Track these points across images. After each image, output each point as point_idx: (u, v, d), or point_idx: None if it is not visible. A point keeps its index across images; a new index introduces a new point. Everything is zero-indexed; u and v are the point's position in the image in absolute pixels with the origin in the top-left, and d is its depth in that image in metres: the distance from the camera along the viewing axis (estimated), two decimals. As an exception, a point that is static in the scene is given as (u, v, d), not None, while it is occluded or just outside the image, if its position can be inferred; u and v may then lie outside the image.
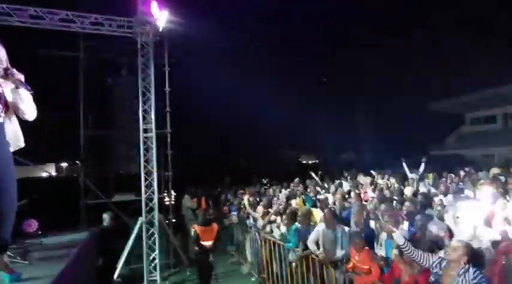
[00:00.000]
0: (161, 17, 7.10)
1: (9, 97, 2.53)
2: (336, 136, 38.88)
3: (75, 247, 4.42)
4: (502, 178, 7.37)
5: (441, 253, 3.18)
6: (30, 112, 2.63)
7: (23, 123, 2.78)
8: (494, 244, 3.49)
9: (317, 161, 40.76)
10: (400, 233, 3.38)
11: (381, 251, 4.10)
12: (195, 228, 6.17)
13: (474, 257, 2.73)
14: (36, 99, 2.77)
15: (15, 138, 2.62)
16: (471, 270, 2.63)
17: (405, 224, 4.16)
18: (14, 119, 2.61)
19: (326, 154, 39.87)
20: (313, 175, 9.69)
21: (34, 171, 11.11)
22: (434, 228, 3.37)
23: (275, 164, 29.94)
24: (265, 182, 12.50)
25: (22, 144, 2.68)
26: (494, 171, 9.07)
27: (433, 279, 2.81)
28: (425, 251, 3.02)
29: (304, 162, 42.69)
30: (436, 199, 5.26)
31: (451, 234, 3.64)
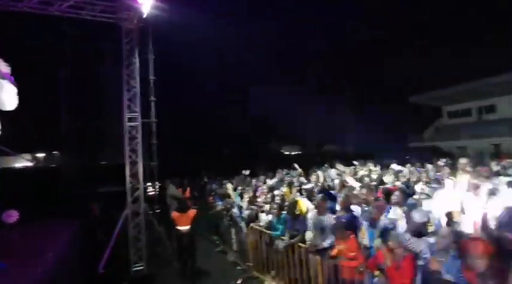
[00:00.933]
0: (146, 3, 6.90)
1: None
2: (318, 128, 39.38)
3: (60, 237, 4.34)
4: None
5: (425, 239, 3.34)
6: (9, 102, 2.63)
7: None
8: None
9: (300, 152, 41.19)
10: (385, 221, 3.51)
11: (364, 241, 4.24)
12: (173, 215, 6.76)
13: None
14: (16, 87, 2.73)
15: None
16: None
17: (393, 212, 4.29)
18: None
19: (308, 145, 40.39)
20: (296, 166, 9.81)
21: (11, 161, 10.76)
22: (417, 216, 3.51)
23: (258, 154, 30.07)
24: (247, 173, 12.52)
25: None
26: (462, 161, 9.41)
27: (422, 263, 2.95)
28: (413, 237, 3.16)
29: (286, 153, 43.09)
30: (418, 188, 5.46)
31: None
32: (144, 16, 7.11)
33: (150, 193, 9.03)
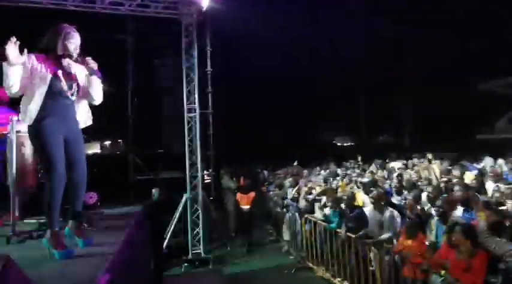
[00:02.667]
0: (205, -3, 7.12)
1: (81, 82, 2.77)
2: (373, 118, 37.61)
3: (133, 218, 4.73)
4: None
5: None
6: (98, 97, 2.87)
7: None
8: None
9: (352, 143, 39.84)
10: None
11: (430, 236, 4.04)
12: (237, 195, 8.37)
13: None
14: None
15: (87, 116, 2.91)
16: None
17: (459, 210, 4.04)
18: (84, 100, 2.87)
19: (362, 136, 38.85)
20: (359, 158, 9.49)
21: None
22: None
23: (310, 145, 29.70)
24: (295, 164, 12.44)
25: (91, 122, 2.95)
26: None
27: (503, 267, 2.74)
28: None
29: (339, 144, 41.94)
30: (492, 186, 5.03)
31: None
32: (204, 10, 7.33)
33: (207, 181, 9.47)
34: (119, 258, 2.78)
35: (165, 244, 6.94)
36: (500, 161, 9.38)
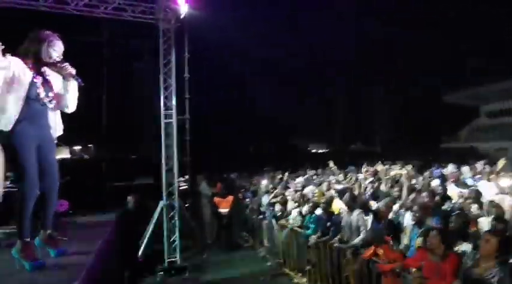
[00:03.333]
0: (183, 3, 7.12)
1: (58, 87, 2.73)
2: (345, 125, 38.71)
3: (106, 227, 4.62)
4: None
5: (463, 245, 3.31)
6: (72, 105, 2.82)
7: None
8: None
9: (327, 150, 40.72)
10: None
11: (404, 239, 4.21)
12: (215, 200, 8.71)
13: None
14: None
15: (58, 125, 2.84)
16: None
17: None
18: (58, 110, 2.81)
19: (336, 143, 39.79)
20: (331, 164, 9.70)
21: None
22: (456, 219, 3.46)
23: (284, 152, 30.07)
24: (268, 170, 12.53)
25: (61, 132, 2.89)
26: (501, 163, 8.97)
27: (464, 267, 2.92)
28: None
29: (313, 151, 42.71)
30: (454, 191, 5.32)
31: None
32: (182, 16, 7.32)
33: (183, 188, 9.34)
34: (91, 269, 2.72)
35: (140, 252, 6.76)
36: (464, 168, 9.93)
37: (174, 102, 7.65)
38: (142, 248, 6.64)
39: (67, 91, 2.72)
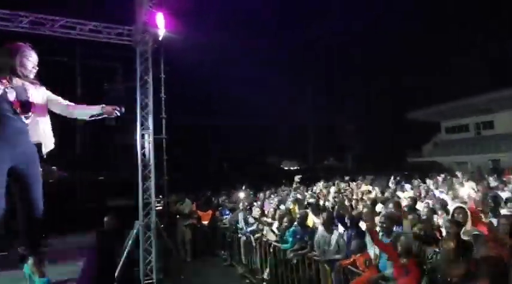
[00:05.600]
0: (161, 26, 7.34)
1: (39, 99, 2.57)
2: (317, 143, 39.73)
3: (83, 249, 4.57)
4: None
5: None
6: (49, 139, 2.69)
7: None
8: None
9: (299, 168, 41.44)
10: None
11: (376, 250, 4.49)
12: (198, 213, 9.68)
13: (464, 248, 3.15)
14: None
15: (47, 138, 2.66)
16: None
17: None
18: (45, 120, 2.65)
19: (308, 161, 40.63)
20: (297, 179, 10.02)
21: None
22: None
23: (257, 169, 30.33)
24: (243, 187, 12.72)
25: (52, 145, 2.72)
26: (459, 175, 9.77)
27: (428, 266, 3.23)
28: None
29: (286, 168, 43.26)
30: (423, 204, 5.75)
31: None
32: (160, 39, 7.51)
33: (159, 208, 9.24)
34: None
35: (116, 273, 6.60)
36: (428, 181, 10.61)
37: (151, 121, 7.72)
38: (118, 269, 6.49)
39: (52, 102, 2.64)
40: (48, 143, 2.68)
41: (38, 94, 2.58)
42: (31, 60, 2.50)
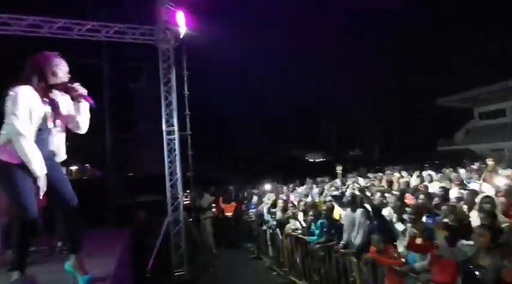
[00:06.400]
0: (182, 24, 7.43)
1: (64, 110, 2.56)
2: (343, 133, 39.04)
3: (118, 243, 4.74)
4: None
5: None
6: (84, 125, 2.66)
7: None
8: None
9: (324, 159, 40.92)
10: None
11: (404, 242, 4.39)
12: (221, 205, 10.17)
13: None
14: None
15: (61, 151, 2.64)
16: None
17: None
18: (63, 131, 2.63)
19: (332, 152, 40.06)
20: (338, 169, 9.89)
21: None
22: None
23: (282, 162, 30.27)
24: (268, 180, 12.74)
25: (65, 156, 2.71)
26: (490, 163, 9.21)
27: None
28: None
29: (311, 160, 42.88)
30: (453, 193, 5.53)
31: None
32: (181, 37, 7.61)
33: (186, 202, 9.48)
34: (115, 280, 2.86)
35: (148, 267, 6.87)
36: (461, 171, 10.17)
37: (175, 118, 7.89)
38: (150, 262, 6.75)
39: (79, 112, 2.57)
40: (62, 154, 2.66)
41: (66, 103, 2.58)
42: (62, 69, 2.47)
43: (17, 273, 2.39)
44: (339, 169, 9.75)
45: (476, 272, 2.95)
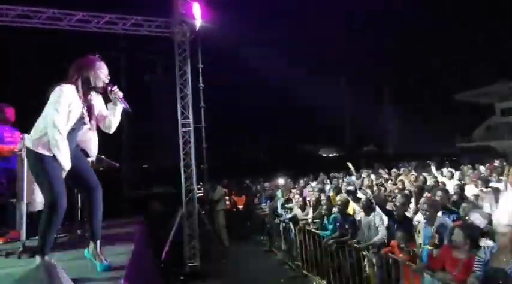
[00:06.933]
0: (198, 17, 7.42)
1: (97, 111, 2.70)
2: (356, 128, 38.52)
3: (133, 233, 4.79)
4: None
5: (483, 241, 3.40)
6: (115, 126, 2.81)
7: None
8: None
9: (337, 154, 40.52)
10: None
11: (419, 239, 4.31)
12: (233, 198, 10.66)
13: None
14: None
15: (94, 148, 2.79)
16: None
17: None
18: (95, 132, 2.75)
19: (346, 147, 39.64)
20: (350, 165, 9.80)
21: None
22: (476, 216, 3.55)
23: (295, 157, 30.15)
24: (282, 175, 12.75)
25: (95, 153, 2.87)
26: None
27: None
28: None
29: (324, 155, 42.54)
30: (470, 190, 5.38)
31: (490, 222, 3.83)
32: (197, 29, 7.61)
33: (200, 194, 9.57)
34: (132, 268, 2.90)
35: (162, 257, 6.99)
36: (481, 167, 9.90)
37: (191, 111, 7.93)
38: (164, 253, 6.86)
39: (113, 115, 2.73)
40: (94, 151, 2.80)
41: (97, 105, 2.70)
42: (103, 72, 2.60)
43: (39, 258, 2.48)
44: (350, 166, 9.64)
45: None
